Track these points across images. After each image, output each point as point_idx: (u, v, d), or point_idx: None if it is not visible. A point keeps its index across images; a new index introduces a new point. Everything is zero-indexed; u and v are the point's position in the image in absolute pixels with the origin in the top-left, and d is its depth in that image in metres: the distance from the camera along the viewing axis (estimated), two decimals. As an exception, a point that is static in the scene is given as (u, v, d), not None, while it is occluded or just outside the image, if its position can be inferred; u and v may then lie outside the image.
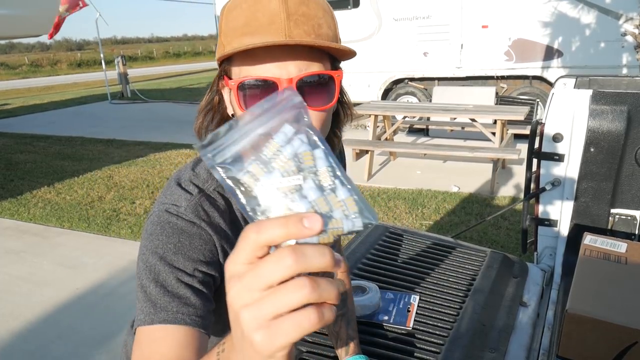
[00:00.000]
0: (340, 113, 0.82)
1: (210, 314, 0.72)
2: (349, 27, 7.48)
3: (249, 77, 0.67)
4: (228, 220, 0.77)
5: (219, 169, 0.37)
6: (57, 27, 10.25)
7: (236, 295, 0.35)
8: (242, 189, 0.37)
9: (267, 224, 0.34)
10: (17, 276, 3.44)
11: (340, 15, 7.51)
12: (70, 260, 3.66)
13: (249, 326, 0.34)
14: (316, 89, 0.68)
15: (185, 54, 43.63)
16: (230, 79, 0.71)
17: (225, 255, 0.77)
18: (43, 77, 25.57)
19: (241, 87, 0.68)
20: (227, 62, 0.71)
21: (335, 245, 0.98)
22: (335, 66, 0.72)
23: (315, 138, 0.39)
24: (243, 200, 0.37)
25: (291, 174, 0.37)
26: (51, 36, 10.36)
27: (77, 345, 2.61)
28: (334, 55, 0.72)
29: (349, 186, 0.38)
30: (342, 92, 0.79)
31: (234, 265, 0.36)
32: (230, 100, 0.74)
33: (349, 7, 7.43)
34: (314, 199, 0.37)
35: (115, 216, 4.53)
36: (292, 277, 0.34)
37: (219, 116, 0.79)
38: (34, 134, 8.83)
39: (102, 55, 14.44)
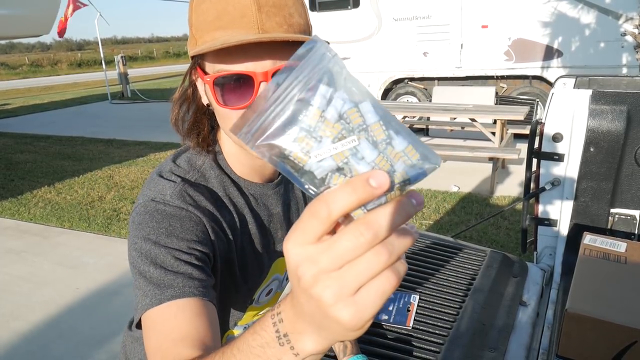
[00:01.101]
0: None
1: (212, 289, 0.72)
2: (349, 27, 7.48)
3: (224, 72, 0.67)
4: (214, 206, 0.77)
5: (262, 148, 0.34)
6: (64, 26, 10.50)
7: (313, 279, 0.34)
8: (293, 165, 0.34)
9: (334, 195, 0.32)
10: (18, 276, 3.44)
11: (340, 15, 7.52)
12: (71, 260, 3.66)
13: (334, 307, 0.34)
14: None
15: (185, 53, 43.40)
16: (204, 71, 0.70)
17: (217, 236, 0.76)
18: (43, 77, 25.58)
19: (216, 82, 0.68)
20: (199, 56, 0.70)
21: None
22: None
23: (355, 90, 0.35)
24: (299, 178, 0.35)
25: (342, 138, 0.34)
26: (62, 32, 10.60)
27: (77, 345, 2.62)
28: None
29: (404, 134, 0.35)
30: None
31: (302, 247, 0.34)
32: (205, 92, 0.74)
33: (349, 7, 7.43)
34: (373, 159, 0.34)
35: (116, 216, 4.53)
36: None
37: (195, 106, 0.79)
38: (35, 134, 8.84)
39: (102, 55, 14.45)
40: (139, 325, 0.70)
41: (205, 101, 0.76)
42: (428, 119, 6.56)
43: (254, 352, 0.43)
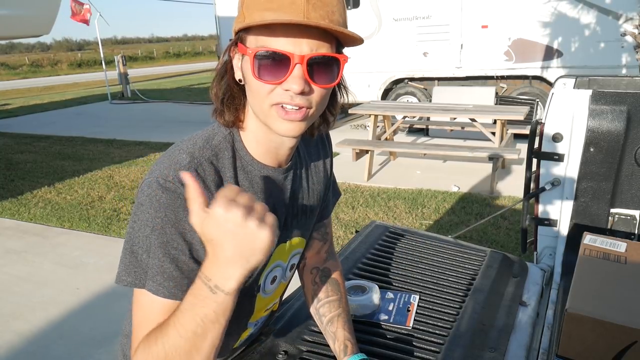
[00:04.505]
0: (337, 94, 0.87)
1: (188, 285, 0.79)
2: (348, 27, 7.47)
3: (266, 48, 0.72)
4: (218, 188, 0.79)
5: None
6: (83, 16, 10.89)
7: (223, 214, 0.63)
8: None
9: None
10: (18, 276, 3.44)
11: (340, 15, 7.52)
12: (71, 260, 3.66)
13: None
14: (323, 68, 0.74)
15: (186, 54, 43.62)
16: (246, 45, 0.75)
17: None
18: (43, 77, 25.57)
19: (258, 56, 0.72)
20: (244, 31, 0.75)
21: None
22: (339, 51, 0.78)
23: None
24: None
25: None
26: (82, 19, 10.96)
27: (77, 345, 2.62)
28: (341, 42, 0.78)
29: None
30: (342, 76, 0.84)
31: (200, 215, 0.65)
32: (242, 66, 0.78)
33: (349, 7, 7.43)
34: None
35: (116, 216, 4.53)
36: None
37: (231, 80, 0.82)
38: (35, 134, 8.84)
39: (102, 56, 14.45)
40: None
41: (237, 76, 0.80)
42: (428, 119, 6.56)
43: (196, 306, 0.66)
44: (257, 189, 0.85)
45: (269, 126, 0.78)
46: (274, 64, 0.72)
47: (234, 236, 0.62)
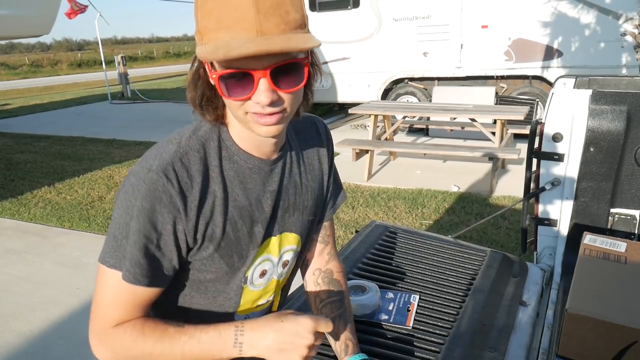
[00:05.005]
0: (311, 75, 0.86)
1: (167, 273, 0.84)
2: (348, 27, 7.48)
3: (228, 71, 0.74)
4: (203, 177, 0.83)
5: None
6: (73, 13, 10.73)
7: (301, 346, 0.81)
8: None
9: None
10: (18, 276, 3.44)
11: (340, 15, 7.52)
12: (71, 260, 3.66)
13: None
14: (288, 73, 0.75)
15: (186, 54, 43.58)
16: (212, 66, 0.77)
17: (199, 208, 0.83)
18: (43, 77, 25.57)
19: (222, 78, 0.75)
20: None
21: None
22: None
23: None
24: None
25: None
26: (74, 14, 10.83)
27: (77, 345, 2.62)
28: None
29: None
30: (312, 54, 0.84)
31: (312, 328, 0.82)
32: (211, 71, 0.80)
33: (349, 7, 7.43)
34: None
35: (116, 216, 4.53)
36: None
37: (207, 84, 0.83)
38: (35, 134, 8.84)
39: (102, 56, 14.45)
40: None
41: (212, 81, 0.82)
42: (428, 119, 6.56)
43: (211, 344, 0.79)
44: (242, 178, 0.87)
45: (250, 129, 0.81)
46: (239, 82, 0.74)
47: (291, 345, 0.79)
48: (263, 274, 0.96)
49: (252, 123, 0.78)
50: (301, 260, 1.08)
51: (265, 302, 1.01)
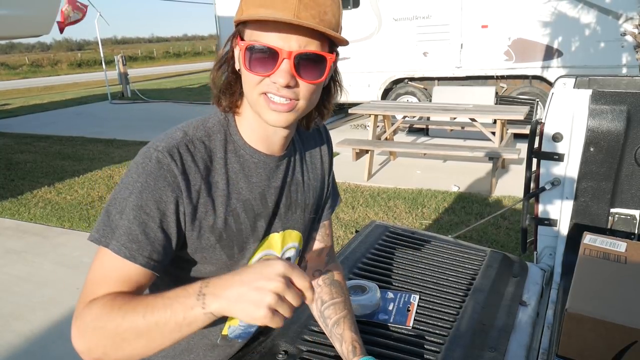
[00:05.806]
0: (332, 88, 0.91)
1: (160, 253, 0.81)
2: (349, 27, 7.46)
3: (256, 43, 0.77)
4: (206, 167, 0.84)
5: None
6: (63, 24, 10.41)
7: (274, 283, 0.67)
8: None
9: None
10: (18, 276, 3.44)
11: (340, 15, 7.52)
12: (71, 260, 3.67)
13: (263, 304, 0.66)
14: (310, 64, 0.78)
15: (186, 54, 43.60)
16: (242, 38, 0.81)
17: (199, 195, 0.83)
18: (43, 77, 25.56)
19: (249, 49, 0.78)
20: (242, 24, 0.80)
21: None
22: (332, 49, 0.82)
23: None
24: None
25: None
26: (62, 29, 10.53)
27: (77, 345, 2.61)
28: (334, 40, 0.81)
29: None
30: (336, 71, 0.90)
31: (284, 269, 0.69)
32: (238, 57, 0.83)
33: (349, 7, 7.43)
34: None
35: (116, 216, 4.53)
36: None
37: (230, 69, 0.86)
38: (35, 134, 8.84)
39: (102, 55, 14.45)
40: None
41: (237, 66, 0.84)
42: (428, 119, 6.56)
43: (175, 299, 0.70)
44: (247, 172, 0.88)
45: (259, 115, 0.82)
46: (264, 58, 0.76)
47: (255, 291, 0.66)
48: None
49: (263, 107, 0.79)
50: (302, 260, 1.08)
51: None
